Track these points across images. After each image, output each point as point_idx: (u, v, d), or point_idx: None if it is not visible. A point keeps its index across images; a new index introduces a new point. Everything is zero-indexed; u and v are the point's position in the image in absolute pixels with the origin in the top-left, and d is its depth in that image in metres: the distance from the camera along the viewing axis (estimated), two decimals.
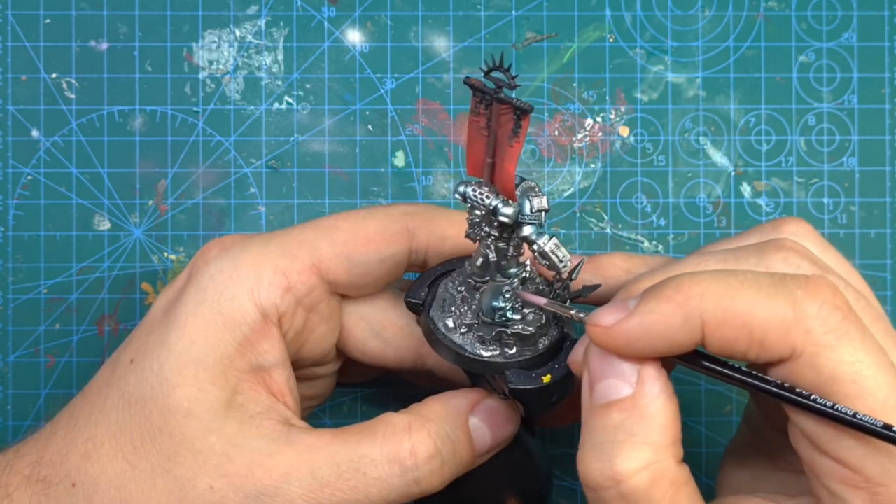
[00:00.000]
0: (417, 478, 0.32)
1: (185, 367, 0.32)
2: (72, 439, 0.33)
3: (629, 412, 0.27)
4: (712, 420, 0.45)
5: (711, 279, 0.27)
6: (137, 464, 0.32)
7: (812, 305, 0.26)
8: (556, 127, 0.46)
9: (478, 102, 0.29)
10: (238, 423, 0.32)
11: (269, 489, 0.31)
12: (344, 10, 0.46)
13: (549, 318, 0.33)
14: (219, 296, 0.33)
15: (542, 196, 0.31)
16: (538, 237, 0.31)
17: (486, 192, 0.31)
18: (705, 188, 0.46)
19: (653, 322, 0.27)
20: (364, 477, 0.31)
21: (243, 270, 0.34)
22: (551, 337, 0.33)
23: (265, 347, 0.33)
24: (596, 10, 0.46)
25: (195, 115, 0.45)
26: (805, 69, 0.46)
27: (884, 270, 0.46)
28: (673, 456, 0.27)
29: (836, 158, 0.46)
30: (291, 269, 0.34)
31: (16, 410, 0.45)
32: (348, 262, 0.35)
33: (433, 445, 0.32)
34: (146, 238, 0.45)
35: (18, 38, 0.45)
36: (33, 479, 0.32)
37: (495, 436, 0.34)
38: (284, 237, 0.35)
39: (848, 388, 0.26)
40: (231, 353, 0.33)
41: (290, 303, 0.34)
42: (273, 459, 0.31)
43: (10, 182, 0.45)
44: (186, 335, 0.33)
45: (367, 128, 0.46)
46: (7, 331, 0.45)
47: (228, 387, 0.32)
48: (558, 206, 0.46)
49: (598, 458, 0.27)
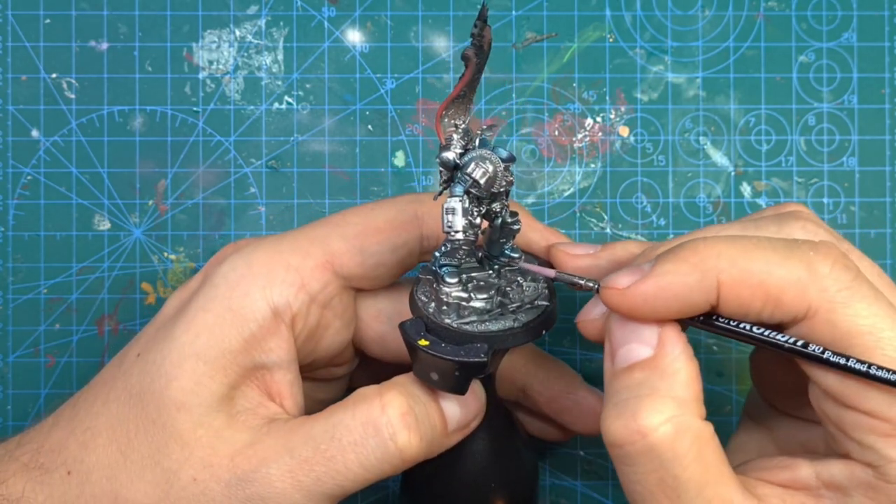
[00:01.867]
0: (393, 435, 0.32)
1: (186, 360, 0.32)
2: (72, 429, 0.33)
3: (651, 370, 0.28)
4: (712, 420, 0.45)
5: (727, 242, 0.28)
6: (130, 454, 0.32)
7: (825, 266, 0.27)
8: (556, 127, 0.46)
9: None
10: (226, 416, 0.32)
11: (248, 474, 0.31)
12: (344, 10, 0.46)
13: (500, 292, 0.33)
14: (230, 292, 0.33)
15: (482, 167, 0.31)
16: (452, 193, 0.31)
17: (456, 137, 0.31)
18: (705, 188, 0.46)
19: (669, 283, 0.27)
20: (339, 443, 0.31)
21: (256, 268, 0.34)
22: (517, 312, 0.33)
23: (271, 346, 0.33)
24: (596, 10, 0.46)
25: (195, 115, 0.45)
26: (805, 69, 0.46)
27: (884, 270, 0.46)
28: (696, 412, 0.28)
29: (836, 158, 0.46)
30: (304, 266, 0.34)
31: (16, 410, 0.45)
32: (361, 255, 0.35)
33: (405, 402, 0.32)
34: (146, 238, 0.45)
35: (18, 38, 0.45)
36: (31, 467, 0.32)
37: (465, 409, 0.34)
38: (296, 235, 0.35)
39: (865, 339, 0.27)
40: (235, 349, 0.33)
41: (304, 300, 0.34)
42: (253, 448, 0.32)
43: (10, 182, 0.45)
44: (192, 329, 0.33)
45: (367, 128, 0.46)
46: (7, 331, 0.45)
47: (226, 382, 0.33)
48: (558, 206, 0.46)
49: (620, 414, 0.27)
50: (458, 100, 0.31)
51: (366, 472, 0.32)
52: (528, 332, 0.32)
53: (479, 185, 0.31)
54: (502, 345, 0.32)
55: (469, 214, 0.31)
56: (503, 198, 0.32)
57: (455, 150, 0.31)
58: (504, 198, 0.32)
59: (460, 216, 0.31)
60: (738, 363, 0.46)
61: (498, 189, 0.31)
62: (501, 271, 0.34)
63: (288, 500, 0.31)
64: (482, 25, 0.28)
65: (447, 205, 0.31)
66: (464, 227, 0.31)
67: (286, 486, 0.31)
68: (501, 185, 0.31)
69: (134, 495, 0.32)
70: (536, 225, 0.37)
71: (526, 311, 0.32)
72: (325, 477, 0.31)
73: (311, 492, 0.31)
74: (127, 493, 0.32)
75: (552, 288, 0.34)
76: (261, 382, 0.34)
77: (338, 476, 0.31)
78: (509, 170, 0.31)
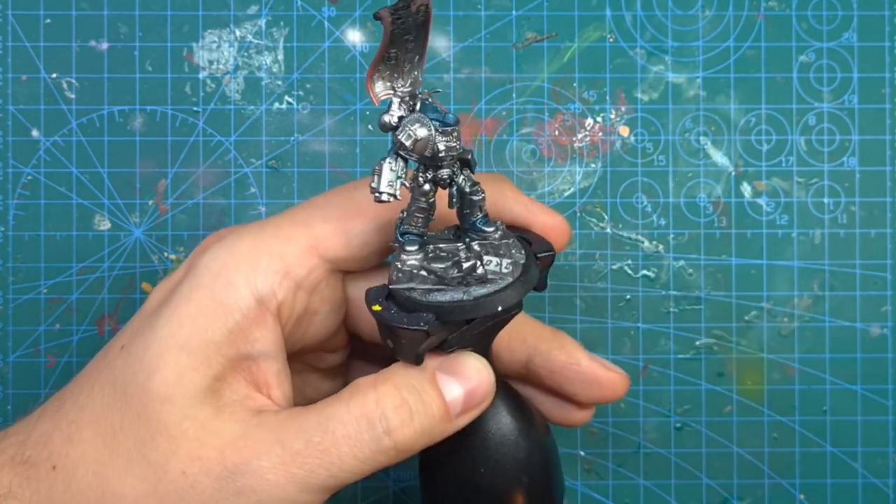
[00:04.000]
0: (387, 428, 0.31)
1: (168, 352, 0.32)
2: (57, 422, 0.33)
3: None
4: (712, 420, 0.45)
5: None
6: (116, 448, 0.31)
7: None
8: (557, 127, 0.46)
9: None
10: (213, 409, 0.32)
11: (240, 467, 0.31)
12: (344, 10, 0.46)
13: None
14: (213, 282, 0.33)
15: (409, 129, 0.30)
16: (386, 155, 0.31)
17: (396, 101, 0.31)
18: (705, 188, 0.46)
19: None
20: (332, 436, 0.31)
21: (239, 256, 0.33)
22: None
23: (257, 336, 0.33)
24: (596, 10, 0.46)
25: (195, 115, 0.45)
26: (805, 69, 0.46)
27: (884, 270, 0.46)
28: None
29: (836, 158, 0.46)
30: (288, 252, 0.34)
31: (16, 410, 0.45)
32: (346, 236, 0.34)
33: (398, 395, 0.32)
34: (146, 238, 0.45)
35: (18, 38, 0.45)
36: (16, 461, 0.32)
37: (469, 391, 0.33)
38: (279, 221, 0.35)
39: None
40: (219, 340, 0.32)
41: (290, 287, 0.33)
42: (243, 440, 0.31)
43: (10, 182, 0.45)
44: (175, 319, 0.32)
45: (367, 128, 0.46)
46: (7, 331, 0.45)
47: (210, 373, 0.32)
48: (559, 206, 0.46)
49: None
50: (391, 63, 0.30)
51: (361, 464, 0.31)
52: (477, 306, 0.31)
53: (407, 148, 0.30)
54: (450, 316, 0.31)
55: (411, 179, 0.31)
56: (452, 165, 0.31)
57: (393, 113, 0.31)
58: (453, 164, 0.32)
59: (385, 176, 0.30)
60: (738, 363, 0.46)
61: (433, 153, 0.30)
62: (471, 245, 0.33)
63: (281, 491, 0.31)
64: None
65: (376, 166, 0.30)
66: (388, 189, 0.30)
67: (278, 477, 0.31)
68: (438, 150, 0.30)
69: (122, 490, 0.31)
70: (522, 199, 0.36)
71: (479, 286, 0.32)
72: (318, 469, 0.31)
73: (305, 483, 0.31)
74: (114, 488, 0.31)
75: (529, 268, 0.33)
76: (247, 374, 0.33)
77: (332, 468, 0.31)
78: (454, 135, 0.30)
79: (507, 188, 0.36)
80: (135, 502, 0.31)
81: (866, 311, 0.46)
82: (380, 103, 0.31)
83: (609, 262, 0.46)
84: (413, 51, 0.30)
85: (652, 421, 0.45)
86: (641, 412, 0.45)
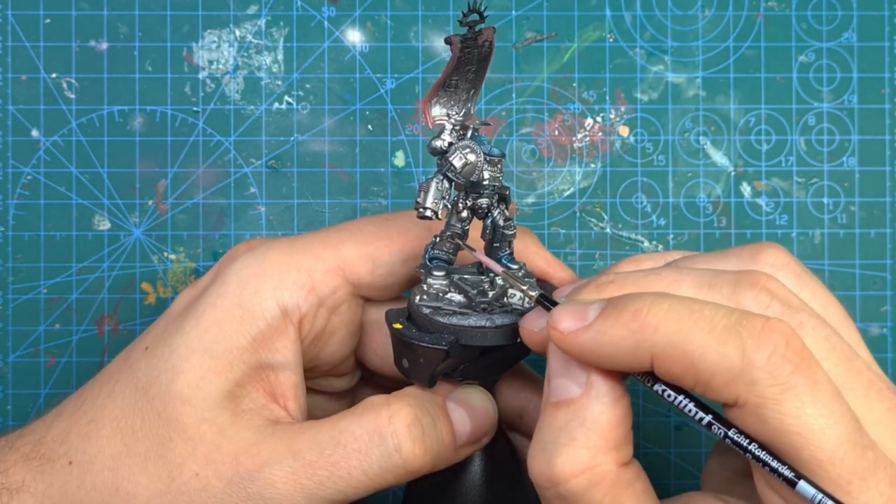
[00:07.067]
0: (398, 446, 0.32)
1: (193, 355, 0.33)
2: (75, 420, 0.33)
3: (574, 414, 0.28)
4: None
5: (669, 310, 0.27)
6: (134, 447, 0.32)
7: (761, 355, 0.26)
8: (556, 127, 0.46)
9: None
10: (231, 414, 0.32)
11: (252, 474, 0.31)
12: (344, 10, 0.46)
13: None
14: (241, 290, 0.34)
15: (461, 153, 0.32)
16: (432, 176, 0.32)
17: (449, 127, 0.32)
18: (705, 188, 0.46)
19: (605, 343, 0.27)
20: (344, 450, 0.31)
21: (268, 267, 0.34)
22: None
23: (278, 346, 0.34)
24: (596, 10, 0.46)
25: (195, 115, 0.45)
26: (805, 69, 0.46)
27: (884, 270, 0.46)
28: (614, 460, 0.27)
29: (836, 158, 0.46)
30: (316, 269, 0.34)
31: (16, 410, 0.45)
32: (372, 263, 0.35)
33: (412, 413, 0.32)
34: (146, 238, 0.45)
35: (18, 38, 0.45)
36: (31, 457, 0.33)
37: (475, 423, 0.34)
38: (310, 238, 0.35)
39: (794, 440, 0.25)
40: (242, 346, 0.33)
41: (313, 303, 0.34)
42: (258, 447, 0.32)
43: (10, 182, 0.45)
44: (201, 324, 0.33)
45: (367, 128, 0.46)
46: (7, 331, 0.45)
47: (232, 378, 0.33)
48: (558, 206, 0.46)
49: (540, 458, 0.28)
50: (450, 90, 0.32)
51: (368, 480, 0.32)
52: (498, 333, 0.32)
53: (456, 170, 0.31)
54: (470, 340, 0.32)
55: (452, 203, 0.32)
56: (491, 195, 0.33)
57: (444, 138, 0.32)
58: (492, 195, 0.33)
59: (431, 195, 0.32)
60: None
61: (478, 179, 0.32)
62: (494, 280, 0.34)
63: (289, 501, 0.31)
64: (475, 21, 0.29)
65: (422, 182, 0.32)
66: (433, 206, 0.32)
67: (288, 487, 0.31)
68: (483, 177, 0.32)
69: (135, 487, 0.32)
70: (546, 255, 0.37)
71: (503, 316, 0.32)
72: (327, 482, 0.31)
73: (313, 495, 0.31)
74: (128, 485, 0.32)
75: (545, 305, 0.34)
76: (266, 384, 0.34)
77: (340, 482, 0.31)
78: (498, 167, 0.32)
79: (531, 242, 0.37)
80: (147, 500, 0.32)
81: (866, 311, 0.46)
82: (433, 127, 0.32)
83: (609, 263, 0.46)
84: (472, 82, 0.32)
85: (651, 421, 0.45)
86: (641, 412, 0.45)
